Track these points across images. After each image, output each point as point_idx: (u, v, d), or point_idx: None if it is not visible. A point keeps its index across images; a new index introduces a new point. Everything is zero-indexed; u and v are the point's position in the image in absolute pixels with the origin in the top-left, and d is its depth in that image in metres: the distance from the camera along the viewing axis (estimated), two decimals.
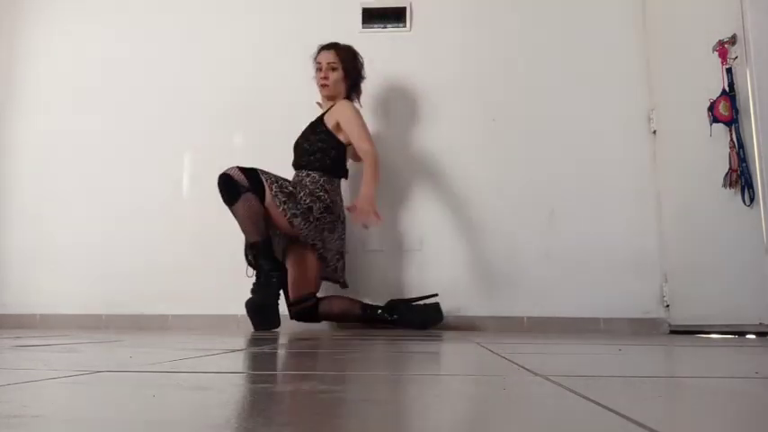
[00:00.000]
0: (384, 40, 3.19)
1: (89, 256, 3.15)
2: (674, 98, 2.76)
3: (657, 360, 1.37)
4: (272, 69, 3.21)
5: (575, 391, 0.72)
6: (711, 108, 2.26)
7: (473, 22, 3.17)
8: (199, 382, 0.85)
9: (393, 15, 3.20)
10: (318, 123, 2.78)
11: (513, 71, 3.11)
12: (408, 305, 2.73)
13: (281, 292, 2.62)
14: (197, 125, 3.21)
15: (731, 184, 2.19)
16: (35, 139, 3.32)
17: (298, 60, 2.92)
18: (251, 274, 2.62)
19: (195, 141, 3.20)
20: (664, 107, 2.87)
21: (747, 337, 2.19)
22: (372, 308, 2.73)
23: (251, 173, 2.56)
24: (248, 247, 2.61)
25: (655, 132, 2.94)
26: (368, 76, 2.95)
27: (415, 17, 3.20)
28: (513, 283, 2.91)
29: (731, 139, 2.18)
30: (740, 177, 2.14)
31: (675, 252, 2.75)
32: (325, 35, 3.14)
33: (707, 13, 2.42)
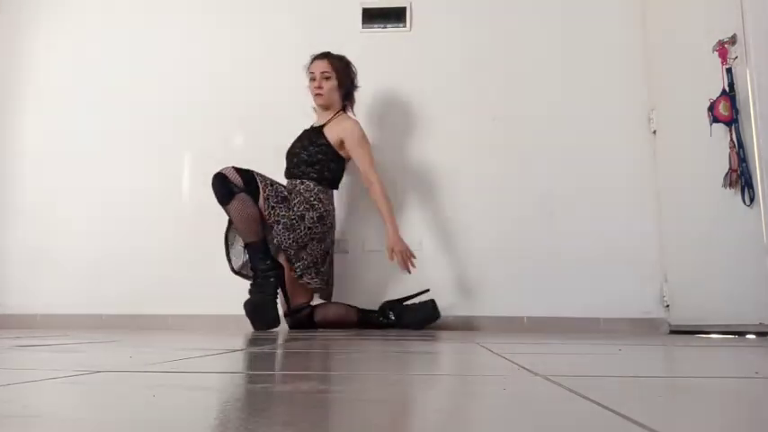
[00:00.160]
0: (384, 40, 3.19)
1: (89, 256, 3.15)
2: (674, 98, 2.76)
3: (657, 360, 1.37)
4: (272, 69, 3.21)
5: (575, 392, 0.72)
6: (711, 108, 2.26)
7: (473, 22, 3.17)
8: (199, 382, 0.85)
9: (393, 15, 3.20)
10: (318, 135, 2.75)
11: (513, 71, 3.11)
12: (405, 306, 2.72)
13: (278, 292, 2.62)
14: (197, 125, 3.21)
15: (731, 184, 2.19)
16: (35, 139, 3.32)
17: (298, 60, 2.92)
18: (236, 270, 2.66)
19: (195, 141, 3.20)
20: (664, 107, 2.87)
21: (747, 337, 2.19)
22: (368, 313, 2.72)
23: (246, 174, 2.55)
24: (243, 247, 2.61)
25: (655, 132, 2.94)
26: (368, 75, 2.95)
27: (415, 17, 3.20)
28: (513, 283, 2.91)
29: (731, 139, 2.18)
30: (740, 177, 2.14)
31: (675, 252, 2.75)
32: (325, 35, 3.15)
33: (707, 13, 2.42)
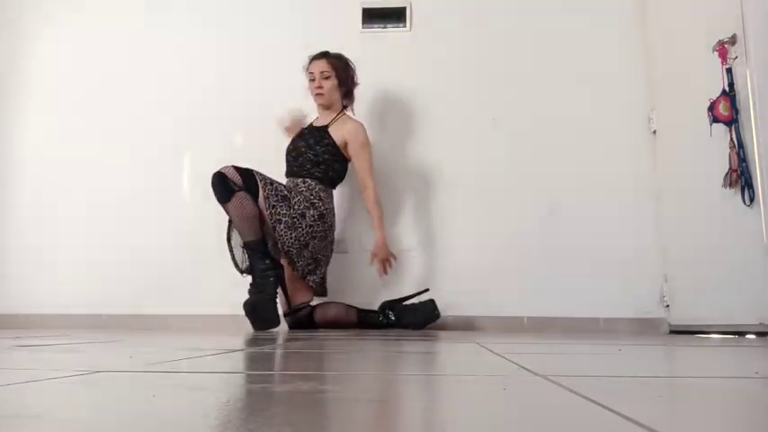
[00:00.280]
0: (384, 40, 3.19)
1: (89, 256, 3.14)
2: (674, 98, 2.76)
3: (657, 360, 1.37)
4: (272, 69, 3.21)
5: (575, 392, 0.72)
6: (711, 108, 2.26)
7: (473, 22, 3.17)
8: (199, 382, 0.85)
9: (393, 15, 3.20)
10: (323, 135, 2.76)
11: (513, 71, 3.11)
12: (404, 306, 2.72)
13: (278, 292, 2.61)
14: (197, 125, 3.21)
15: (731, 184, 2.19)
16: (35, 140, 3.32)
17: (298, 60, 2.92)
18: (243, 270, 2.63)
19: (195, 142, 3.20)
20: (664, 107, 2.87)
21: (747, 337, 2.19)
22: (368, 313, 2.72)
23: (246, 172, 2.55)
24: (242, 246, 2.60)
25: (655, 132, 2.94)
26: (368, 75, 2.95)
27: (415, 17, 3.20)
28: (513, 283, 2.91)
29: (731, 139, 2.18)
30: (740, 177, 2.14)
31: (675, 252, 2.75)
32: (325, 35, 3.15)
33: (707, 13, 2.42)
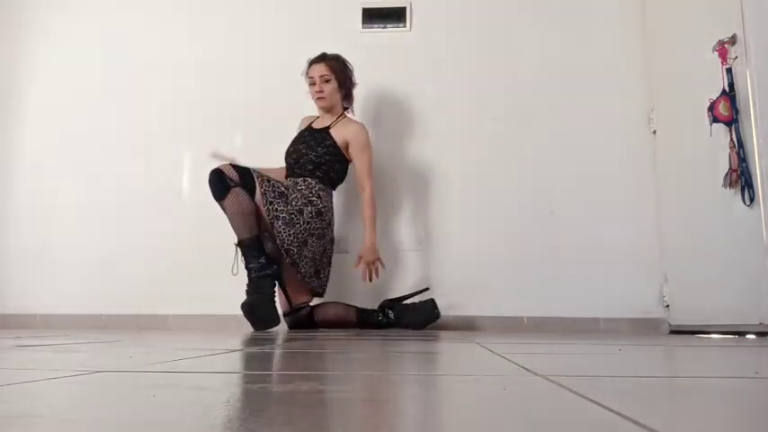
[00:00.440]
0: (384, 40, 3.19)
1: (89, 256, 3.14)
2: (674, 98, 2.76)
3: (657, 360, 1.37)
4: (272, 69, 3.21)
5: (575, 392, 0.72)
6: (711, 108, 2.26)
7: (473, 22, 3.17)
8: (199, 382, 0.85)
9: (393, 15, 3.20)
10: (325, 136, 2.77)
11: (513, 71, 3.11)
12: (404, 305, 2.72)
13: (276, 289, 2.60)
14: (197, 125, 3.21)
15: (731, 184, 2.19)
16: (35, 139, 3.32)
17: (298, 60, 2.92)
18: (236, 272, 2.58)
19: (195, 141, 3.20)
20: (664, 107, 2.87)
21: (747, 337, 2.19)
22: (368, 312, 2.72)
23: (243, 170, 2.57)
24: (236, 245, 2.57)
25: (655, 132, 2.94)
26: (368, 75, 2.96)
27: (415, 17, 3.20)
28: (513, 283, 2.91)
29: (731, 139, 2.18)
30: (740, 177, 2.14)
31: (675, 252, 2.75)
32: (325, 35, 3.16)
33: (707, 13, 2.42)
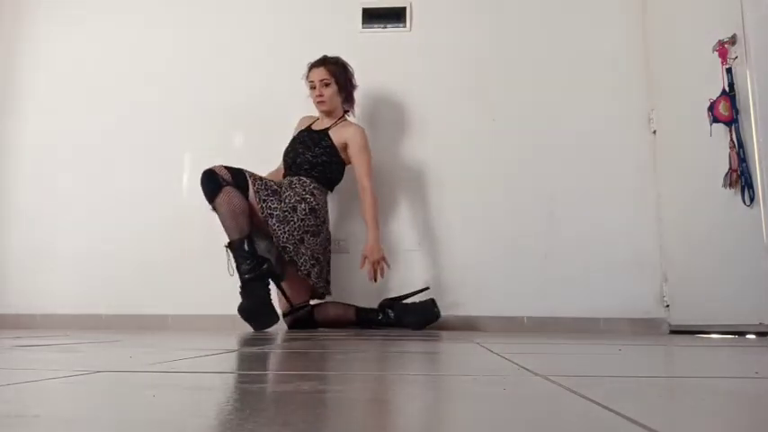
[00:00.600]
0: (384, 41, 3.19)
1: (89, 257, 3.14)
2: (674, 98, 2.76)
3: (657, 360, 1.37)
4: (272, 69, 3.21)
5: (575, 392, 0.72)
6: (711, 108, 2.26)
7: (473, 22, 3.17)
8: (198, 382, 0.85)
9: (393, 15, 3.20)
10: (323, 137, 2.77)
11: (513, 71, 3.11)
12: (404, 305, 2.72)
13: (270, 288, 2.58)
14: (197, 125, 3.21)
15: (731, 184, 2.19)
16: (35, 140, 3.31)
17: (298, 61, 2.92)
18: (232, 273, 2.55)
19: (195, 141, 3.20)
20: (664, 107, 2.87)
21: (747, 337, 2.19)
22: (368, 311, 2.72)
23: (235, 170, 2.57)
24: (226, 247, 2.53)
25: (655, 132, 2.94)
26: (368, 75, 2.96)
27: (415, 17, 3.20)
28: (513, 283, 2.91)
29: (731, 139, 2.18)
30: (740, 177, 2.14)
31: (675, 252, 2.75)
32: (325, 35, 3.15)
33: (707, 13, 2.42)
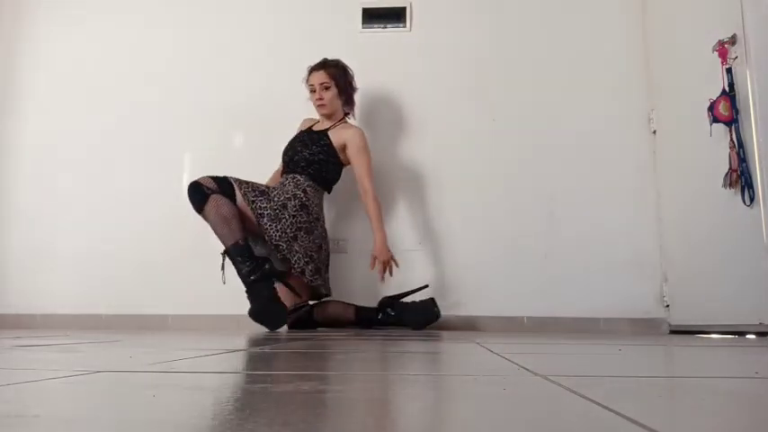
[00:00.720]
0: (384, 41, 3.19)
1: (89, 257, 3.14)
2: (674, 98, 2.76)
3: (657, 360, 1.37)
4: (272, 69, 3.21)
5: (575, 391, 0.72)
6: (711, 108, 2.26)
7: (473, 22, 3.17)
8: (198, 382, 0.85)
9: (393, 15, 3.20)
10: (321, 137, 2.78)
11: (513, 71, 3.11)
12: (405, 304, 2.72)
13: (275, 286, 2.58)
14: (197, 125, 3.21)
15: (731, 184, 2.19)
16: (35, 140, 3.31)
17: (298, 61, 2.92)
18: (224, 282, 2.58)
19: (195, 141, 3.20)
20: (664, 107, 2.87)
21: (747, 337, 2.19)
22: (368, 311, 2.72)
23: (220, 178, 2.57)
24: (222, 254, 2.55)
25: (655, 132, 2.94)
26: (368, 75, 2.97)
27: (415, 17, 3.20)
28: (513, 283, 2.91)
29: (731, 139, 2.18)
30: (740, 177, 2.14)
31: (675, 252, 2.75)
32: (325, 35, 3.16)
33: (707, 13, 2.42)
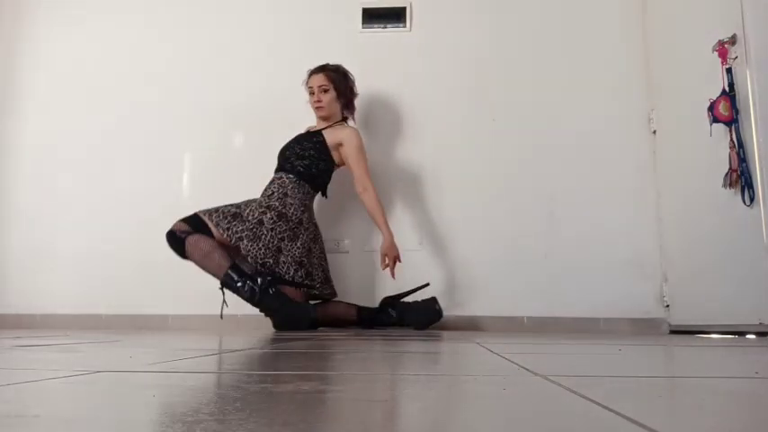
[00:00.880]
0: (384, 41, 3.19)
1: (89, 257, 3.14)
2: (673, 98, 2.76)
3: (657, 360, 1.37)
4: (273, 69, 3.21)
5: (574, 391, 0.72)
6: (711, 108, 2.26)
7: (473, 22, 3.17)
8: (199, 382, 0.85)
9: (393, 15, 3.20)
10: (315, 134, 2.79)
11: (513, 71, 3.11)
12: (406, 304, 2.72)
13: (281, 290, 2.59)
14: (197, 125, 3.21)
15: (731, 184, 2.19)
16: (35, 140, 3.32)
17: (298, 61, 2.92)
18: (222, 318, 2.61)
19: (195, 141, 3.20)
20: (664, 107, 2.87)
21: (747, 337, 2.19)
22: (369, 311, 2.72)
23: (190, 218, 2.58)
24: (220, 288, 2.57)
25: (655, 132, 2.94)
26: (368, 75, 2.96)
27: (415, 17, 3.20)
28: (513, 283, 2.91)
29: (731, 139, 2.18)
30: (740, 177, 2.14)
31: (675, 252, 2.75)
32: (325, 35, 3.16)
33: (707, 13, 2.42)
